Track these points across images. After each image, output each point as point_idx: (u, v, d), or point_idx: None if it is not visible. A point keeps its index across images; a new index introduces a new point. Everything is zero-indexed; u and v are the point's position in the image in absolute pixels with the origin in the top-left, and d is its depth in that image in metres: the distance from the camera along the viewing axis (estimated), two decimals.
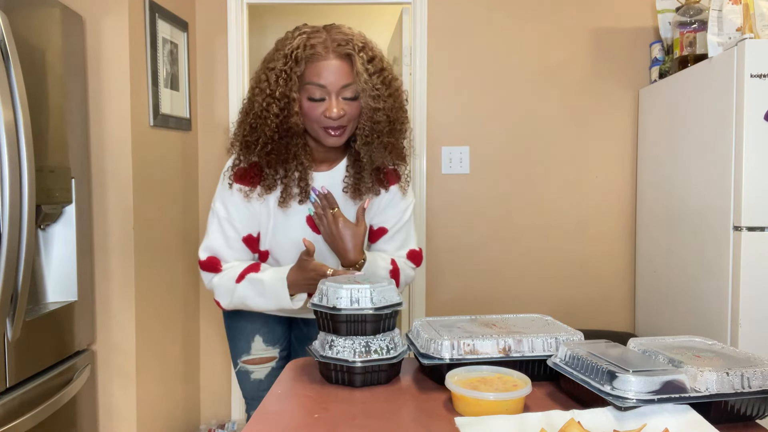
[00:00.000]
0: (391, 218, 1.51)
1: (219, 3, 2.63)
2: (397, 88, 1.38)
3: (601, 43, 2.67)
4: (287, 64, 1.29)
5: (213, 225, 1.43)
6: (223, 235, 1.42)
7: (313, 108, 1.31)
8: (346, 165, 1.45)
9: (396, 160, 1.46)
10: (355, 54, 1.29)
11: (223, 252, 1.42)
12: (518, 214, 2.69)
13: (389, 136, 1.37)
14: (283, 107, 1.30)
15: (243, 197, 1.40)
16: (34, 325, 1.67)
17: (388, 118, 1.35)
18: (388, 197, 1.50)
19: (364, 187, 1.43)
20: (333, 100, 1.30)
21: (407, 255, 1.54)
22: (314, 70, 1.29)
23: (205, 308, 2.70)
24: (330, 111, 1.29)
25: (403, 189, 1.51)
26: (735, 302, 1.90)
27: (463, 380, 0.95)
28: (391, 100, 1.34)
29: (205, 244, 1.43)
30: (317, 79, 1.29)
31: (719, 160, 1.98)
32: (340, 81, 1.29)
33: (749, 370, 0.88)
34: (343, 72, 1.29)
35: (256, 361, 1.56)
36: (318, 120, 1.32)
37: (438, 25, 2.65)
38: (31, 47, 1.65)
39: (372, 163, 1.40)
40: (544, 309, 2.66)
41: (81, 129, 1.95)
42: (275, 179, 1.38)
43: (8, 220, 1.47)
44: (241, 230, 1.42)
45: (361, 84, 1.30)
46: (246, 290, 1.39)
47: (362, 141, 1.36)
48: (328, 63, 1.28)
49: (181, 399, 2.49)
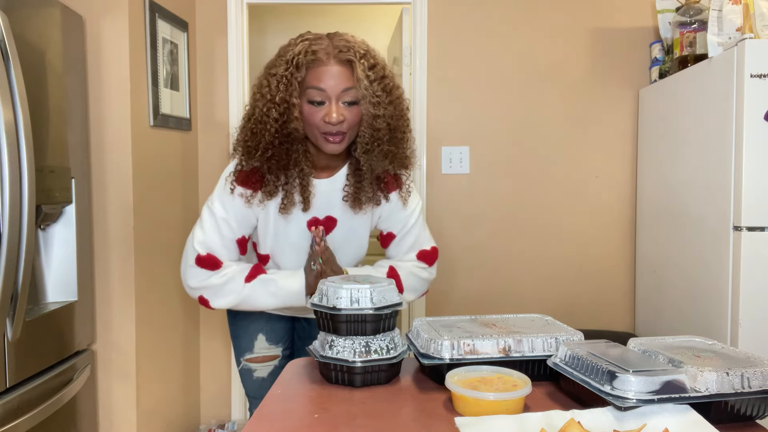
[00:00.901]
0: (396, 224, 1.53)
1: (219, 3, 2.63)
2: (399, 96, 1.38)
3: (601, 43, 2.67)
4: (288, 70, 1.30)
5: (209, 223, 1.42)
6: (220, 234, 1.42)
7: (313, 113, 1.31)
8: (346, 173, 1.46)
9: (398, 169, 1.46)
10: (356, 60, 1.29)
11: (220, 251, 1.42)
12: (518, 214, 2.69)
13: (389, 144, 1.38)
14: (282, 112, 1.30)
15: (244, 202, 1.40)
16: (34, 325, 1.67)
17: (389, 126, 1.35)
18: (388, 207, 1.51)
19: (364, 197, 1.44)
20: (333, 104, 1.30)
21: (417, 255, 1.55)
22: (315, 75, 1.30)
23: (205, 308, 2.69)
24: (329, 116, 1.29)
25: (404, 197, 1.51)
26: (735, 302, 1.90)
27: (463, 380, 0.95)
28: (391, 107, 1.35)
29: (201, 239, 1.42)
30: (317, 83, 1.29)
31: (719, 160, 1.98)
32: (340, 85, 1.29)
33: (749, 370, 0.88)
34: (344, 77, 1.30)
35: (259, 360, 1.58)
36: (318, 125, 1.32)
37: (438, 25, 2.65)
38: (31, 47, 1.65)
39: (372, 172, 1.40)
40: (544, 309, 2.66)
41: (81, 129, 1.95)
42: (276, 186, 1.38)
43: (8, 220, 1.47)
44: (237, 232, 1.43)
45: (361, 90, 1.30)
46: (256, 290, 1.41)
47: (362, 149, 1.36)
48: (328, 68, 1.29)
49: (181, 399, 2.49)
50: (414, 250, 1.55)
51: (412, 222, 1.53)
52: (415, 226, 1.54)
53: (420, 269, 1.54)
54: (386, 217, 1.52)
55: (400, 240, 1.54)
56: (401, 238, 1.54)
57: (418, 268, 1.54)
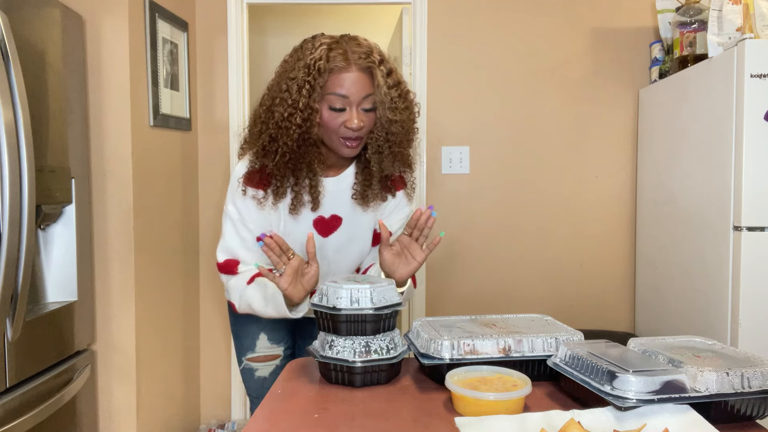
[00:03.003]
0: (395, 223, 1.54)
1: (219, 3, 2.63)
2: (412, 100, 1.41)
3: (601, 42, 2.67)
4: (310, 75, 1.30)
5: (228, 227, 1.44)
6: (239, 236, 1.44)
7: (334, 118, 1.32)
8: (354, 172, 1.48)
9: (403, 168, 1.49)
10: (375, 67, 1.31)
11: (241, 253, 1.44)
12: (518, 214, 2.69)
13: (400, 147, 1.41)
14: (306, 118, 1.31)
15: (256, 203, 1.42)
16: (34, 325, 1.67)
17: (403, 130, 1.38)
18: (394, 202, 1.54)
19: (371, 194, 1.46)
20: (354, 111, 1.32)
21: None
22: (337, 81, 1.30)
23: (205, 308, 2.70)
24: (351, 122, 1.31)
25: (409, 195, 1.55)
26: (735, 302, 1.90)
27: (463, 380, 0.95)
28: (407, 112, 1.38)
29: (222, 246, 1.45)
30: (340, 89, 1.30)
31: (719, 160, 1.98)
32: (362, 92, 1.31)
33: (749, 370, 0.88)
34: (365, 83, 1.31)
35: (260, 359, 1.58)
36: (337, 130, 1.33)
37: (438, 25, 2.65)
38: (31, 47, 1.65)
39: (381, 171, 1.43)
40: (544, 309, 2.66)
41: (81, 129, 1.95)
42: (285, 188, 1.40)
43: (8, 220, 1.47)
44: (256, 231, 1.44)
45: (380, 96, 1.32)
46: (253, 292, 1.41)
47: (373, 150, 1.39)
48: (350, 75, 1.30)
49: (181, 399, 2.49)
50: None
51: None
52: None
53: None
54: (387, 215, 1.54)
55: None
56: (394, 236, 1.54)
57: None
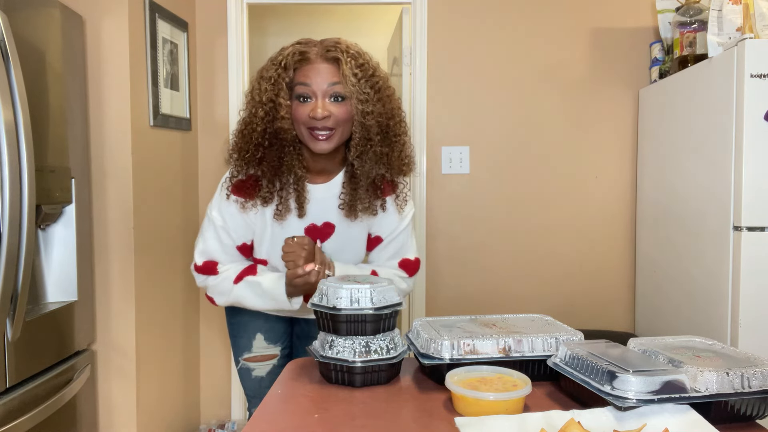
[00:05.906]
0: (386, 228, 1.52)
1: (219, 3, 2.63)
2: (389, 95, 1.38)
3: (601, 43, 2.67)
4: (276, 71, 1.33)
5: (209, 232, 1.46)
6: (220, 242, 1.46)
7: (300, 109, 1.33)
8: (342, 181, 1.45)
9: (395, 175, 1.45)
10: (342, 57, 1.31)
11: (220, 256, 1.47)
12: (518, 214, 2.69)
13: (382, 146, 1.37)
14: (268, 111, 1.33)
15: (239, 208, 1.43)
16: (34, 325, 1.67)
17: (379, 124, 1.35)
18: (384, 211, 1.51)
19: (360, 206, 1.42)
20: (319, 100, 1.32)
21: (399, 263, 1.54)
22: (301, 73, 1.33)
23: (205, 308, 2.70)
24: (315, 111, 1.30)
25: (399, 204, 1.50)
26: (735, 302, 1.90)
27: (463, 380, 0.95)
28: (380, 105, 1.35)
29: (201, 248, 1.47)
30: (304, 79, 1.32)
31: (719, 160, 1.98)
32: (326, 80, 1.31)
33: (749, 370, 0.88)
34: (330, 73, 1.32)
35: (257, 359, 1.58)
36: (304, 121, 1.33)
37: (438, 25, 2.65)
38: (31, 47, 1.65)
39: (367, 177, 1.40)
40: (544, 309, 2.66)
41: (81, 129, 1.95)
42: (272, 192, 1.40)
43: (8, 220, 1.47)
44: (237, 239, 1.46)
45: (348, 87, 1.31)
46: (244, 291, 1.44)
47: (355, 151, 1.37)
48: (315, 66, 1.32)
49: (181, 399, 2.49)
50: (397, 257, 1.55)
51: (401, 229, 1.52)
52: (403, 233, 1.53)
53: (400, 279, 1.52)
54: (378, 220, 1.51)
55: (386, 245, 1.53)
56: (387, 243, 1.53)
57: (399, 278, 1.52)
